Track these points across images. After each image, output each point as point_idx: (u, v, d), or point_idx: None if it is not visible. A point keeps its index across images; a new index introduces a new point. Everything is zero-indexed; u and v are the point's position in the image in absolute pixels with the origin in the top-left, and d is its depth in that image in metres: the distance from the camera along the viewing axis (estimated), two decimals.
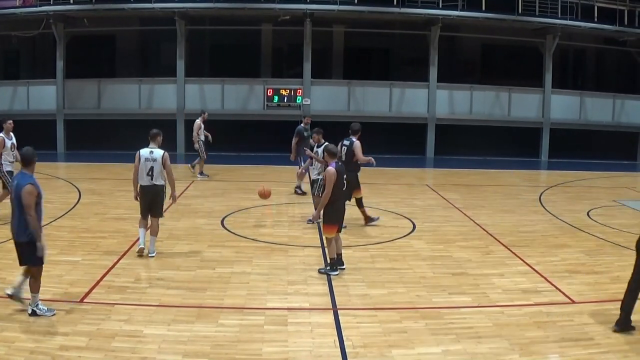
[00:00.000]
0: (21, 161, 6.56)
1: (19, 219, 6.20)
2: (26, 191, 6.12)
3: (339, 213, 8.01)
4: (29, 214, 6.10)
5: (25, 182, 6.19)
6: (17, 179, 6.36)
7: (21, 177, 6.31)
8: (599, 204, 13.62)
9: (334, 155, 8.05)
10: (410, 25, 21.88)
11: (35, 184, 6.23)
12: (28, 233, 6.18)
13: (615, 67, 25.30)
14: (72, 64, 21.36)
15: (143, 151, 8.85)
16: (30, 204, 6.12)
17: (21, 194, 6.12)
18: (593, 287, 7.71)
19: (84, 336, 5.76)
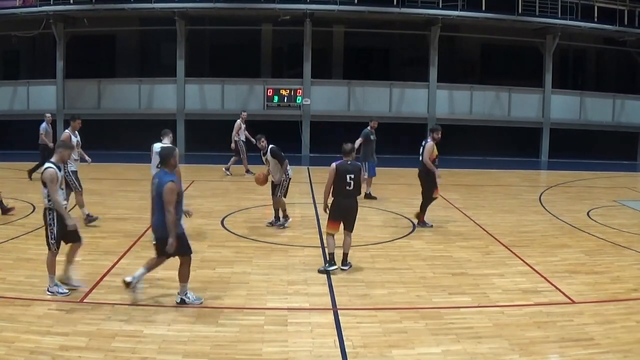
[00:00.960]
0: (160, 160, 6.92)
1: (162, 215, 6.47)
2: (168, 188, 6.41)
3: (339, 210, 8.03)
4: (168, 210, 6.39)
5: (166, 180, 6.48)
6: (158, 177, 6.63)
7: (162, 175, 6.59)
8: (599, 204, 13.62)
9: (343, 152, 8.07)
10: (410, 25, 21.88)
11: (176, 182, 6.55)
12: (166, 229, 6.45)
13: (615, 67, 25.31)
14: (72, 64, 21.37)
15: (156, 145, 9.60)
16: (171, 200, 6.41)
17: (162, 191, 6.40)
18: (593, 287, 7.71)
19: (84, 336, 5.76)
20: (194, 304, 6.70)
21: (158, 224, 6.59)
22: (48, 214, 6.89)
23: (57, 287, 6.94)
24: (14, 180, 14.96)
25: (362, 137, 13.07)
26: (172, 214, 6.39)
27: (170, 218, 6.39)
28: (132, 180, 15.37)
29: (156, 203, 6.57)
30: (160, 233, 6.57)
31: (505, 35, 22.09)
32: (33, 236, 9.47)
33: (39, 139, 14.95)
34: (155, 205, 6.61)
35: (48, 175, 6.76)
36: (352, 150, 8.08)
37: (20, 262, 8.06)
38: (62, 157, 7.10)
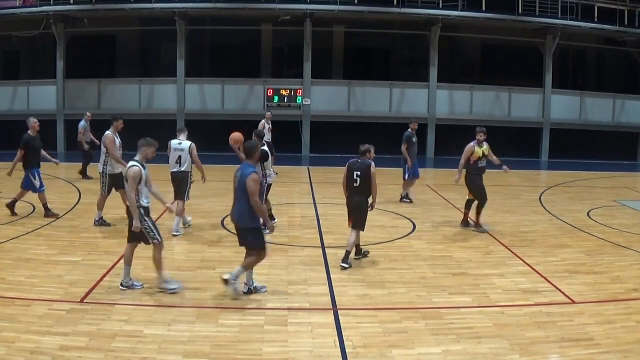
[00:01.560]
0: (244, 153, 7.20)
1: (243, 206, 6.75)
2: (251, 179, 6.70)
3: (349, 205, 8.38)
4: (253, 200, 6.67)
5: (249, 171, 6.76)
6: (241, 169, 6.89)
7: (245, 167, 6.88)
8: (599, 204, 13.62)
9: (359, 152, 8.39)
10: (410, 25, 21.89)
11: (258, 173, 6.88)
12: (253, 219, 6.79)
13: (615, 67, 25.31)
14: (72, 64, 21.38)
15: (173, 142, 10.26)
16: (255, 191, 6.71)
17: (246, 182, 6.66)
18: (593, 287, 7.71)
19: (84, 336, 5.76)
20: (260, 291, 7.10)
21: (239, 214, 6.87)
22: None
23: (166, 284, 7.08)
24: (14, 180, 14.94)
25: (405, 141, 12.87)
26: (258, 203, 6.73)
27: (258, 207, 6.75)
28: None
29: (239, 194, 6.83)
30: (242, 223, 6.87)
31: (505, 35, 22.10)
32: (33, 236, 9.48)
33: (77, 137, 15.05)
34: (237, 196, 6.88)
35: (132, 173, 6.87)
36: (366, 151, 8.35)
37: (20, 262, 8.05)
38: (146, 155, 7.19)
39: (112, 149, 9.98)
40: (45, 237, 9.44)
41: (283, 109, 21.28)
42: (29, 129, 11.01)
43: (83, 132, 15.02)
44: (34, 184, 10.80)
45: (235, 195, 6.94)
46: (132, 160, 7.06)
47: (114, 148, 10.02)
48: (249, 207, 6.75)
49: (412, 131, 13.08)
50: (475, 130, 10.58)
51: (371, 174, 8.22)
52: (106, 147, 10.05)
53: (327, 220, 11.15)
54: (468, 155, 10.44)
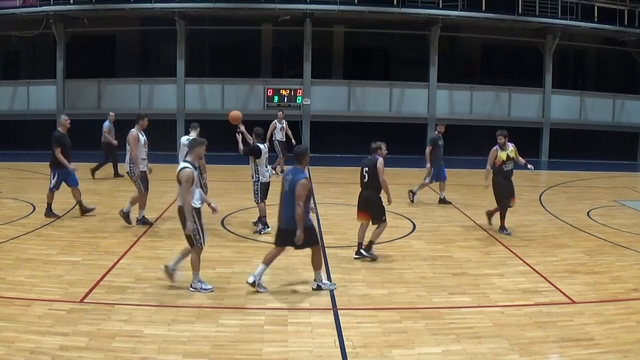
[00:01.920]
0: (295, 157, 7.31)
1: (292, 209, 6.95)
2: (302, 184, 6.92)
3: (359, 200, 8.69)
4: (298, 204, 6.88)
5: (301, 176, 6.99)
6: (291, 173, 7.12)
7: (295, 172, 7.09)
8: (599, 204, 13.62)
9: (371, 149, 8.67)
10: (410, 25, 21.88)
11: (309, 179, 7.06)
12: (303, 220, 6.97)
13: (615, 67, 25.31)
14: (72, 64, 21.38)
15: (183, 138, 10.61)
16: (302, 195, 6.90)
17: (296, 186, 6.88)
18: (593, 287, 7.71)
19: (84, 336, 5.76)
20: (330, 289, 7.28)
21: (287, 217, 7.05)
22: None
23: (200, 284, 7.15)
24: (14, 180, 14.97)
25: (431, 144, 12.80)
26: (301, 208, 6.89)
27: (300, 212, 6.89)
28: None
29: (287, 198, 7.06)
30: (290, 225, 7.01)
31: (505, 35, 22.09)
32: (33, 236, 9.48)
33: (102, 137, 15.13)
34: (285, 199, 7.10)
35: (185, 175, 6.86)
36: (378, 148, 8.61)
37: (20, 262, 8.06)
38: (198, 155, 7.21)
39: (134, 147, 9.99)
40: (45, 237, 9.44)
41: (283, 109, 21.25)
42: (60, 126, 10.93)
43: (107, 132, 15.09)
44: (51, 181, 10.78)
45: (284, 198, 7.15)
46: (184, 162, 7.05)
47: (136, 146, 10.01)
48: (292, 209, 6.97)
49: (438, 134, 13.00)
50: (495, 134, 10.48)
51: (377, 170, 8.39)
52: (129, 144, 10.05)
53: (327, 220, 11.16)
54: (492, 159, 10.38)
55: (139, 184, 10.24)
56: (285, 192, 7.13)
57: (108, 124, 15.38)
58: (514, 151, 10.36)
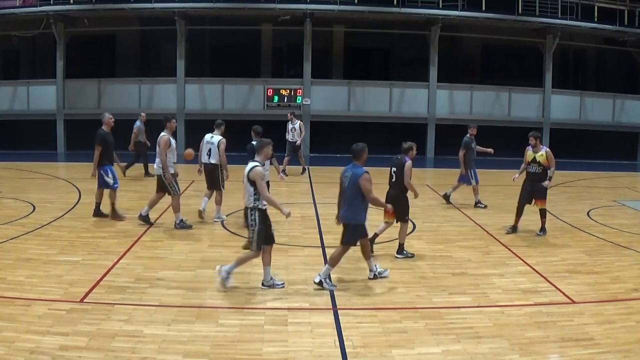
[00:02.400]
0: (353, 154, 7.50)
1: (353, 204, 7.27)
2: (365, 178, 7.21)
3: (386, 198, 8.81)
4: (370, 197, 7.28)
5: (361, 171, 7.25)
6: (351, 170, 7.38)
7: (354, 168, 7.38)
8: (599, 204, 13.62)
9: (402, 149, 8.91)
10: (410, 25, 21.88)
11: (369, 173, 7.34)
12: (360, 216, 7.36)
13: (615, 67, 25.31)
14: (72, 64, 21.37)
15: (207, 136, 10.86)
16: (371, 189, 7.25)
17: (359, 182, 7.16)
18: (593, 287, 7.71)
19: (84, 336, 5.76)
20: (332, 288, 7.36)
21: (349, 213, 7.32)
22: (250, 214, 7.08)
23: (272, 280, 7.28)
24: (14, 180, 14.98)
25: (464, 147, 12.71)
26: (376, 199, 7.39)
27: (376, 201, 7.45)
28: (132, 180, 15.35)
29: (348, 193, 7.33)
30: (349, 220, 7.34)
31: (505, 35, 22.09)
32: (33, 236, 9.48)
33: (132, 136, 15.30)
34: (346, 195, 7.38)
35: (257, 173, 6.94)
36: (409, 149, 8.84)
37: (20, 262, 8.06)
38: (267, 155, 7.36)
39: (163, 150, 9.97)
40: (45, 237, 9.44)
41: (283, 109, 21.27)
42: (104, 125, 10.81)
43: (137, 132, 15.18)
44: (107, 181, 10.65)
45: (344, 194, 7.42)
46: (253, 161, 7.14)
47: (164, 149, 9.99)
48: (360, 205, 7.29)
49: (471, 137, 12.87)
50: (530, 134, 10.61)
51: (405, 172, 8.68)
52: (159, 147, 10.02)
53: (327, 220, 11.13)
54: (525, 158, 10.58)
55: (174, 185, 10.17)
56: (345, 188, 7.39)
57: (139, 124, 15.51)
58: (544, 156, 10.28)
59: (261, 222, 7.08)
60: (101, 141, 10.54)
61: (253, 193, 7.01)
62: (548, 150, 10.35)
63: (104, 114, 11.06)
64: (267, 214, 7.17)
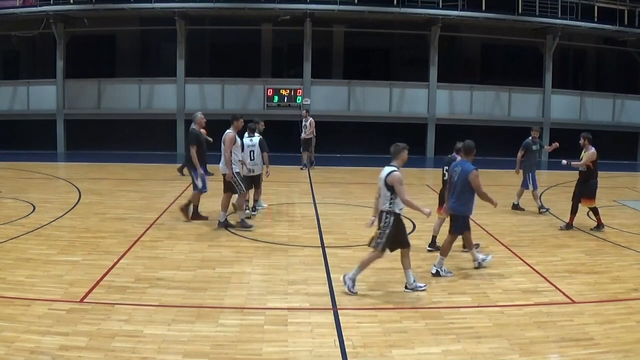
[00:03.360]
0: (463, 150, 8.05)
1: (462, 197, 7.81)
2: (474, 174, 7.72)
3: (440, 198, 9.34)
4: (480, 192, 7.80)
5: (471, 168, 7.77)
6: (460, 165, 7.94)
7: (464, 164, 7.90)
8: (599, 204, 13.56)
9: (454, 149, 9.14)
10: (410, 25, 21.89)
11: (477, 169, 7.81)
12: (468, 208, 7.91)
13: (615, 67, 25.31)
14: (72, 64, 21.38)
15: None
16: (480, 184, 7.78)
17: (469, 178, 7.71)
18: (593, 287, 7.71)
19: (84, 336, 5.76)
20: (447, 276, 7.86)
21: (458, 204, 7.92)
22: (385, 217, 7.12)
23: (415, 283, 7.37)
24: (14, 180, 14.98)
25: (523, 149, 12.43)
26: (484, 194, 7.83)
27: (487, 197, 7.86)
28: (132, 180, 15.37)
29: (456, 187, 7.90)
30: (457, 211, 7.95)
31: (505, 35, 22.10)
32: (33, 236, 9.48)
33: None
34: (456, 188, 7.92)
35: (396, 178, 7.01)
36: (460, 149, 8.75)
37: (20, 262, 8.06)
38: (404, 159, 7.37)
39: (228, 147, 9.93)
40: (45, 237, 9.44)
41: (283, 108, 21.29)
42: (195, 124, 10.70)
43: None
44: (196, 184, 10.59)
45: (451, 187, 8.00)
46: (390, 166, 7.18)
47: (230, 147, 9.95)
48: (469, 198, 7.84)
49: (533, 139, 12.53)
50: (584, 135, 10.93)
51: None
52: (225, 145, 9.97)
53: (327, 220, 11.15)
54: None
55: (239, 184, 10.11)
56: (454, 182, 7.94)
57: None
58: (585, 155, 10.75)
59: (394, 226, 7.13)
60: (196, 141, 10.44)
61: (389, 197, 7.09)
62: (593, 151, 10.76)
63: (196, 114, 10.96)
64: (401, 218, 7.24)
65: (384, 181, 7.07)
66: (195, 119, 10.80)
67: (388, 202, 7.08)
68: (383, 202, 7.12)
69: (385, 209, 7.12)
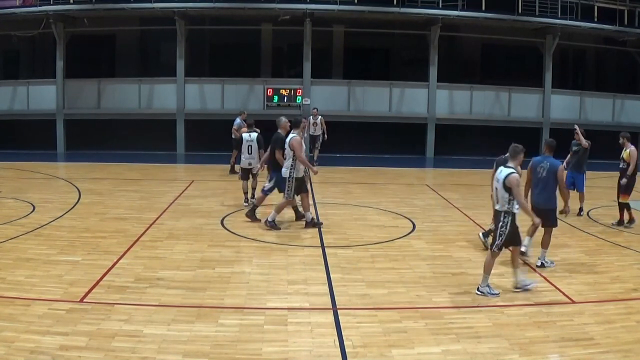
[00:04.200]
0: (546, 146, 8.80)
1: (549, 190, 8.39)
2: (561, 169, 8.46)
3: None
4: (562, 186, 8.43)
5: (558, 163, 8.47)
6: (547, 161, 8.52)
7: (549, 160, 8.56)
8: (599, 204, 13.61)
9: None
10: (410, 25, 21.87)
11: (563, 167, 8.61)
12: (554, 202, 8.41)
13: (615, 67, 25.29)
14: (72, 64, 21.36)
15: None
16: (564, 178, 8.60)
17: (557, 173, 8.33)
18: (593, 287, 7.71)
19: (84, 336, 5.76)
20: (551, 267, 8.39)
21: (546, 198, 8.39)
22: (503, 217, 7.20)
23: (488, 288, 7.30)
24: (14, 180, 14.98)
25: (571, 150, 12.66)
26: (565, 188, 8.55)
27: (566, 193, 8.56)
28: (132, 180, 15.37)
29: (544, 182, 8.42)
30: (548, 205, 8.39)
31: (505, 35, 22.08)
32: (33, 236, 9.49)
33: (232, 135, 15.57)
34: (542, 184, 8.44)
35: (515, 181, 7.08)
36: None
37: (20, 262, 8.06)
38: (520, 161, 7.47)
39: (299, 151, 9.97)
40: (45, 237, 9.44)
41: (283, 108, 21.26)
42: (280, 129, 10.76)
43: (237, 129, 15.31)
44: (266, 185, 10.74)
45: (540, 183, 8.48)
46: (507, 167, 7.25)
47: (301, 150, 10.02)
48: (554, 192, 8.37)
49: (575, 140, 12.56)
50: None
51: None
52: (294, 149, 9.97)
53: (327, 220, 11.15)
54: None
55: (290, 189, 10.12)
56: (542, 177, 8.46)
57: (239, 121, 15.67)
58: (626, 153, 11.00)
59: (512, 225, 7.24)
60: (281, 145, 10.49)
61: (507, 198, 7.15)
62: (633, 149, 10.94)
63: (281, 118, 10.99)
64: (516, 217, 7.33)
65: (502, 183, 7.18)
66: (280, 123, 10.86)
67: (507, 203, 7.20)
68: (502, 203, 7.24)
69: (504, 209, 7.24)
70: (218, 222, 10.80)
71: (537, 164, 8.60)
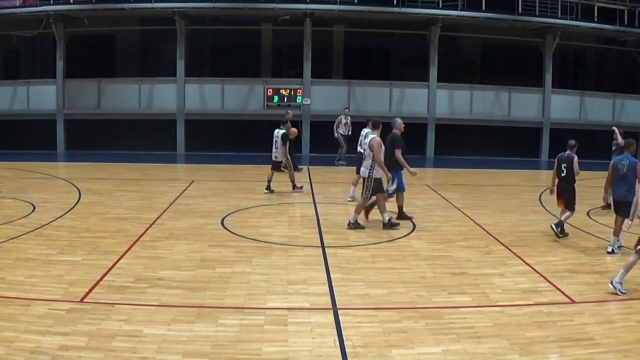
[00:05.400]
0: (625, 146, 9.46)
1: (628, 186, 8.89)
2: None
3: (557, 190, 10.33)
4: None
5: (636, 161, 8.89)
6: (627, 158, 9.09)
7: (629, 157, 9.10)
8: (599, 204, 13.60)
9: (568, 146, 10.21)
10: (410, 25, 21.89)
11: None
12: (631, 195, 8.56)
13: (615, 67, 25.31)
14: (72, 64, 21.38)
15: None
16: None
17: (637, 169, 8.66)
18: (593, 287, 7.71)
19: (84, 336, 5.76)
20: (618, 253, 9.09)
21: (625, 192, 8.90)
22: None
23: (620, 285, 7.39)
24: (14, 180, 14.98)
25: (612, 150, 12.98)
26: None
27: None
28: (132, 180, 15.37)
29: (625, 177, 8.97)
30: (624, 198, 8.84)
31: (505, 35, 22.09)
32: (33, 236, 9.48)
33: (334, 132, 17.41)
34: (623, 178, 9.01)
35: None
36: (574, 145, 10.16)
37: (20, 262, 8.06)
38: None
39: (378, 152, 10.04)
40: (45, 237, 9.44)
41: (283, 108, 21.24)
42: (395, 129, 10.93)
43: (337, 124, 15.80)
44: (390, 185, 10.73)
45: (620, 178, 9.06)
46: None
47: (380, 152, 10.07)
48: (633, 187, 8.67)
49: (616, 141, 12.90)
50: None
51: (574, 166, 9.96)
52: (373, 150, 10.04)
53: (327, 220, 11.15)
54: None
55: (368, 190, 10.20)
56: (624, 173, 9.00)
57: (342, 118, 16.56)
58: None
59: None
60: (400, 145, 10.66)
61: None
62: None
63: (396, 119, 11.17)
64: None
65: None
66: (395, 123, 11.04)
67: None
68: None
69: None
70: (218, 222, 10.80)
71: (619, 162, 9.21)
